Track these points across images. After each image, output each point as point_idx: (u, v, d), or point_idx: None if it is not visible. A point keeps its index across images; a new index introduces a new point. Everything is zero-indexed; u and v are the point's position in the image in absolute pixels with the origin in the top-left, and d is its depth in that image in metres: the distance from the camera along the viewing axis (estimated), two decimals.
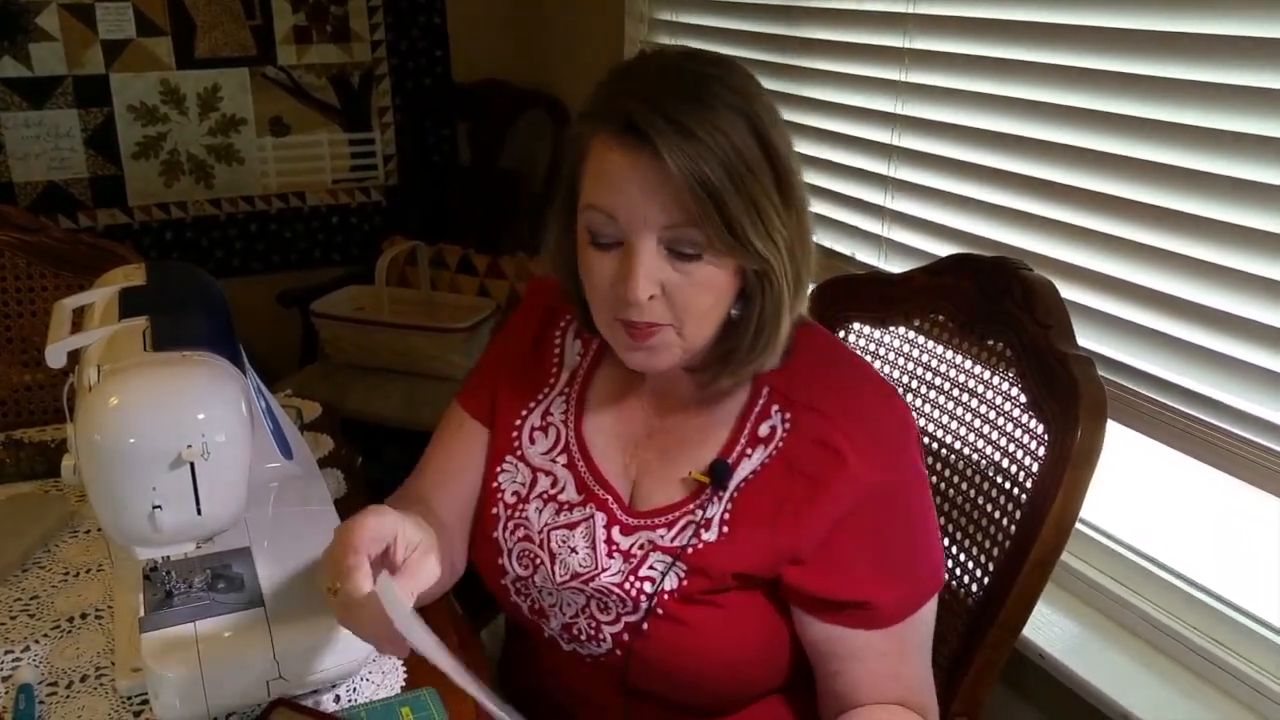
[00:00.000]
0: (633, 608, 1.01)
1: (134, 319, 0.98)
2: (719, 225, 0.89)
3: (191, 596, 1.00)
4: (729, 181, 0.88)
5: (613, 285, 0.94)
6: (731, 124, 0.89)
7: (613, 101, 0.92)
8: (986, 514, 1.15)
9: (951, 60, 1.48)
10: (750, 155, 0.89)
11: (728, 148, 0.88)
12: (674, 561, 1.00)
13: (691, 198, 0.88)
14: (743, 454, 1.01)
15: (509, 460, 1.12)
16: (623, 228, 0.92)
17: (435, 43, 3.08)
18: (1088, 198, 1.26)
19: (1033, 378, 1.11)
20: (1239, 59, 1.08)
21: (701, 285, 0.93)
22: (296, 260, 3.10)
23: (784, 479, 0.98)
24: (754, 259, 0.92)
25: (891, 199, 1.64)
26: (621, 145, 0.90)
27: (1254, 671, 1.18)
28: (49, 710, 0.99)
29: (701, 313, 0.94)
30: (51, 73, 2.71)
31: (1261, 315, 1.08)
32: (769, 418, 1.01)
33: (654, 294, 0.92)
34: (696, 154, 0.87)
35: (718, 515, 1.00)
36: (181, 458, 0.86)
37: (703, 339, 0.97)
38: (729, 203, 0.88)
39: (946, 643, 1.16)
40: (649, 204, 0.90)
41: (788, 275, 0.94)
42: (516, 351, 1.17)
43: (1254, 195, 1.08)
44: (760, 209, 0.90)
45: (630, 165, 0.89)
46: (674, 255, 0.92)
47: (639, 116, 0.88)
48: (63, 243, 1.77)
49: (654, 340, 0.95)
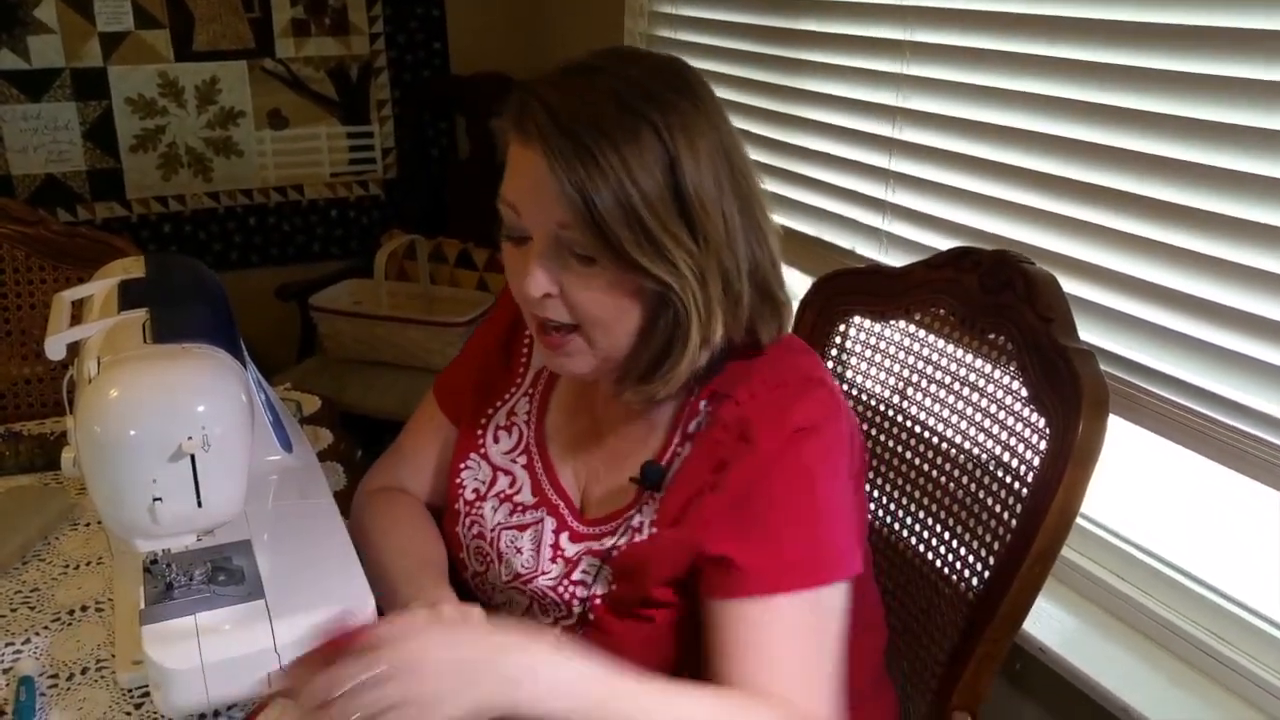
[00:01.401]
0: (567, 612, 1.01)
1: (133, 311, 0.98)
2: (602, 248, 0.87)
3: (192, 589, 1.00)
4: (618, 210, 0.86)
5: (517, 282, 0.94)
6: (637, 150, 0.86)
7: (520, 95, 0.91)
8: (987, 508, 1.15)
9: (952, 53, 1.47)
10: (650, 188, 0.87)
11: (623, 177, 0.86)
12: (601, 565, 0.99)
13: (578, 213, 0.86)
14: (674, 452, 1.00)
15: (473, 457, 1.13)
16: (524, 223, 0.92)
17: (434, 35, 3.08)
18: (1089, 191, 1.26)
19: (1034, 371, 1.11)
20: (1243, 52, 1.08)
21: (598, 292, 0.91)
22: (295, 254, 3.10)
23: (700, 469, 0.97)
24: (650, 280, 0.89)
25: (892, 192, 1.64)
26: (521, 140, 0.90)
27: (1255, 666, 1.18)
28: (50, 702, 0.99)
29: (604, 321, 0.92)
30: (49, 65, 2.70)
31: (1264, 309, 1.08)
32: (697, 414, 1.00)
33: (550, 292, 0.92)
34: (586, 175, 0.85)
35: (649, 517, 0.99)
36: (181, 450, 0.86)
37: (616, 348, 0.95)
38: (616, 230, 0.86)
39: (947, 636, 1.16)
40: (540, 201, 0.89)
41: (697, 302, 0.91)
42: (489, 349, 1.18)
43: (1258, 189, 1.07)
44: (655, 239, 0.87)
45: (527, 161, 0.89)
46: (570, 255, 0.90)
47: (534, 116, 0.88)
48: (61, 235, 1.76)
49: (568, 348, 0.95)
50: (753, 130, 1.97)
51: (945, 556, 1.20)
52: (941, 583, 1.20)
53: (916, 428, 1.27)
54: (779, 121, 1.90)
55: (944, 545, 1.21)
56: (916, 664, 1.21)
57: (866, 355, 1.35)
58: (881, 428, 1.32)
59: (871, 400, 1.34)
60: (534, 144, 0.88)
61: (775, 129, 1.92)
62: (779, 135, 1.91)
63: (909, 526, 1.27)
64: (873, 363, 1.34)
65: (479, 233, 2.96)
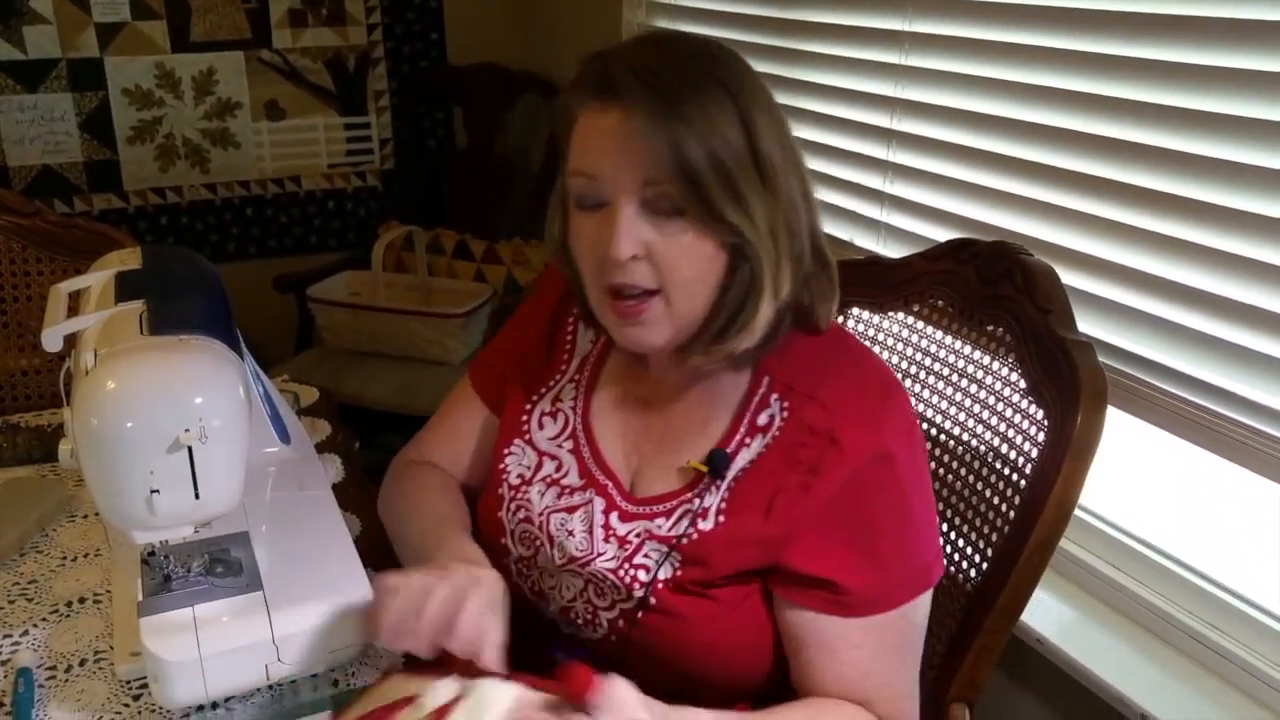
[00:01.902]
0: (626, 595, 1.01)
1: (130, 303, 0.98)
2: (694, 199, 0.90)
3: (190, 581, 1.00)
4: (706, 161, 0.89)
5: (597, 249, 0.94)
6: (718, 108, 0.90)
7: (594, 66, 0.94)
8: (985, 499, 1.15)
9: (951, 44, 1.47)
10: (732, 140, 0.91)
11: (708, 131, 0.89)
12: (669, 551, 1.00)
13: (668, 167, 0.89)
14: (741, 443, 1.01)
15: (517, 444, 1.13)
16: (604, 188, 0.93)
17: (431, 26, 3.07)
18: (1088, 182, 1.26)
19: (1032, 363, 1.11)
20: (1241, 43, 1.07)
21: (684, 250, 0.93)
22: (292, 245, 3.10)
23: (781, 467, 0.98)
24: (730, 233, 0.92)
25: (890, 183, 1.63)
26: (601, 106, 0.92)
27: (1251, 657, 1.19)
28: (48, 694, 0.99)
29: (687, 281, 0.94)
30: (45, 56, 2.69)
31: (1263, 301, 1.08)
32: (768, 407, 1.01)
33: (637, 254, 0.92)
34: (676, 128, 0.89)
35: (715, 504, 1.00)
36: (179, 441, 0.86)
37: (692, 313, 0.96)
38: (706, 181, 0.90)
39: (944, 627, 1.16)
40: (627, 161, 0.91)
41: (770, 255, 0.94)
42: (530, 336, 1.18)
43: (1258, 180, 1.07)
44: (738, 190, 0.91)
45: (610, 124, 0.91)
46: (656, 216, 0.92)
47: (618, 77, 0.91)
48: (58, 227, 1.76)
49: (645, 315, 0.95)
50: None
51: (944, 548, 1.20)
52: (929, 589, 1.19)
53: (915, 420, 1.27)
54: None
55: (942, 537, 1.21)
56: None
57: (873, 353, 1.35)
58: None
59: None
60: (618, 106, 0.91)
61: None
62: None
63: None
64: None
65: (476, 224, 2.96)
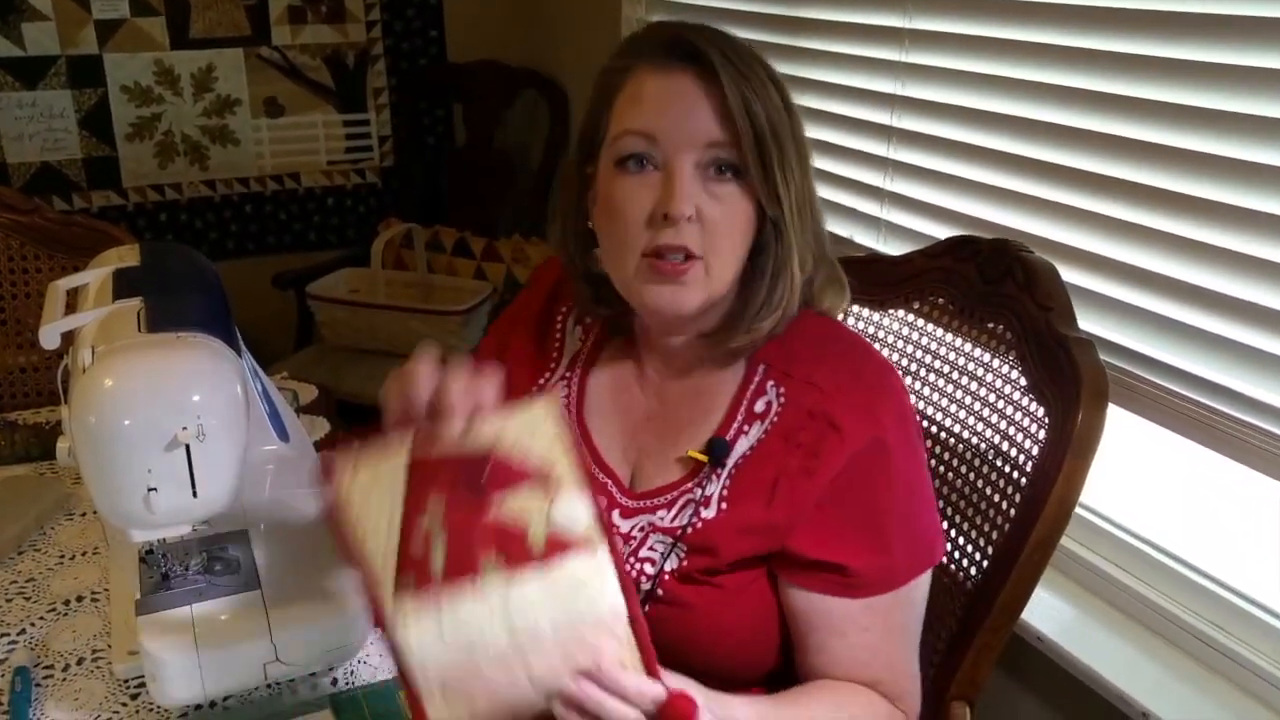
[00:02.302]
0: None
1: (128, 300, 0.97)
2: (755, 160, 0.93)
3: (188, 579, 1.00)
4: (767, 122, 0.93)
5: (646, 212, 0.95)
6: (769, 84, 0.95)
7: (656, 34, 0.98)
8: (986, 497, 1.15)
9: (952, 41, 1.47)
10: (782, 109, 0.95)
11: (769, 94, 0.94)
12: (675, 543, 1.00)
13: (735, 121, 0.92)
14: (740, 430, 1.01)
15: None
16: (662, 148, 0.94)
17: (430, 22, 3.07)
18: (1090, 180, 1.26)
19: (1033, 361, 1.10)
20: (1243, 39, 1.07)
21: (730, 215, 0.95)
22: (291, 242, 3.09)
23: (781, 452, 0.98)
24: (773, 201, 0.95)
25: (890, 181, 1.63)
26: (666, 68, 0.94)
27: (1253, 655, 1.18)
28: (45, 693, 0.98)
29: (727, 250, 0.96)
30: (45, 52, 2.69)
31: (1265, 298, 1.08)
32: (764, 393, 1.01)
33: (691, 214, 0.94)
34: (749, 86, 0.93)
35: (716, 492, 1.00)
36: (177, 439, 0.85)
37: (725, 282, 0.97)
38: (765, 138, 0.93)
39: (945, 625, 1.16)
40: (694, 120, 0.93)
41: (796, 230, 0.97)
42: (520, 333, 1.18)
43: (1260, 177, 1.07)
44: (785, 158, 0.95)
45: (675, 85, 0.94)
46: (709, 178, 0.94)
47: (693, 38, 0.94)
48: (56, 224, 1.76)
49: (686, 276, 0.95)
50: None
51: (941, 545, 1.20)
52: (940, 572, 1.19)
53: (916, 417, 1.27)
54: None
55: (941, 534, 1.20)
56: None
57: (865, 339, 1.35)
58: None
59: None
60: (687, 68, 0.94)
61: None
62: None
63: None
64: None
65: (476, 221, 2.95)
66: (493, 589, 0.78)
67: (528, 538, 0.79)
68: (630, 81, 0.96)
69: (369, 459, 0.80)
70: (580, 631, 0.78)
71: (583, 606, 0.79)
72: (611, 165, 0.97)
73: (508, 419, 0.82)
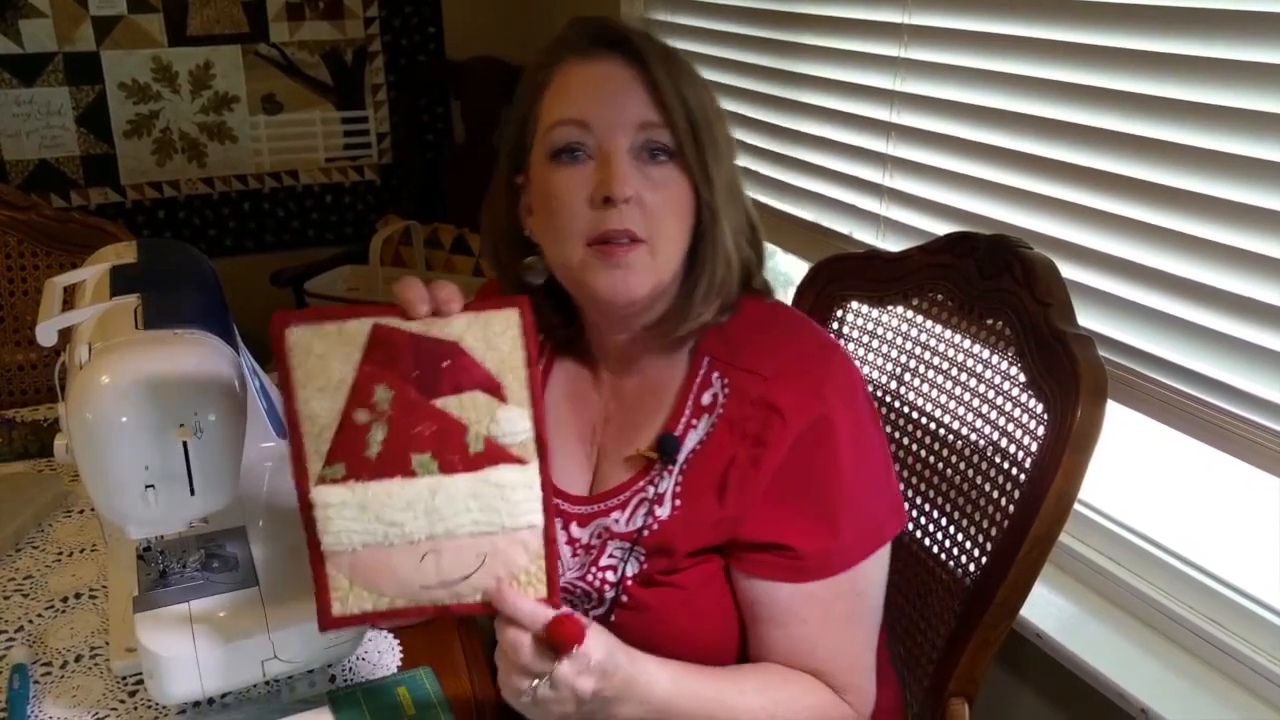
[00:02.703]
0: (598, 601, 1.01)
1: (125, 297, 0.97)
2: (689, 140, 0.94)
3: (186, 576, 1.00)
4: (700, 108, 0.95)
5: (586, 199, 0.94)
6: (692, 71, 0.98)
7: (581, 27, 0.99)
8: (985, 494, 1.15)
9: (951, 36, 1.46)
10: (708, 98, 0.98)
11: (697, 82, 0.97)
12: (632, 547, 1.00)
13: (667, 104, 0.94)
14: (689, 425, 1.01)
15: None
16: (596, 133, 0.94)
17: (429, 19, 3.06)
18: (1088, 175, 1.26)
19: (1032, 357, 1.10)
20: (1239, 35, 1.07)
21: (670, 196, 0.95)
22: (290, 240, 3.09)
23: (729, 443, 0.98)
24: (706, 184, 0.96)
25: (889, 177, 1.63)
26: (593, 56, 0.96)
27: (1251, 651, 1.18)
28: (43, 690, 0.98)
29: (670, 230, 0.96)
30: (42, 49, 2.68)
31: (1263, 294, 1.08)
32: (710, 386, 1.01)
33: (630, 195, 0.93)
34: (677, 72, 0.95)
35: (670, 489, 1.00)
36: (174, 437, 0.85)
37: (670, 266, 0.97)
38: (698, 120, 0.95)
39: (943, 621, 1.16)
40: (626, 102, 0.94)
41: (728, 214, 0.98)
42: None
43: (1258, 173, 1.07)
44: (715, 141, 0.97)
45: (603, 70, 0.95)
46: (645, 162, 0.95)
47: (615, 29, 0.96)
48: (54, 221, 1.76)
49: (630, 257, 0.95)
50: (750, 115, 1.96)
51: (942, 542, 1.20)
52: (939, 568, 1.19)
53: (914, 413, 1.27)
54: (777, 106, 1.89)
55: (941, 531, 1.20)
56: (913, 650, 1.21)
57: (864, 341, 1.35)
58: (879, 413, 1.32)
59: (869, 386, 1.34)
60: (614, 55, 0.95)
61: (773, 113, 1.91)
62: (777, 120, 1.90)
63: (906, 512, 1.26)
64: (870, 348, 1.34)
65: (475, 218, 2.94)
66: (422, 480, 0.81)
67: (466, 438, 0.82)
68: (557, 76, 0.97)
69: (330, 320, 0.82)
70: (495, 539, 0.83)
71: (504, 515, 0.83)
72: (545, 160, 0.96)
73: (471, 321, 0.83)
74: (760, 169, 1.96)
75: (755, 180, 1.96)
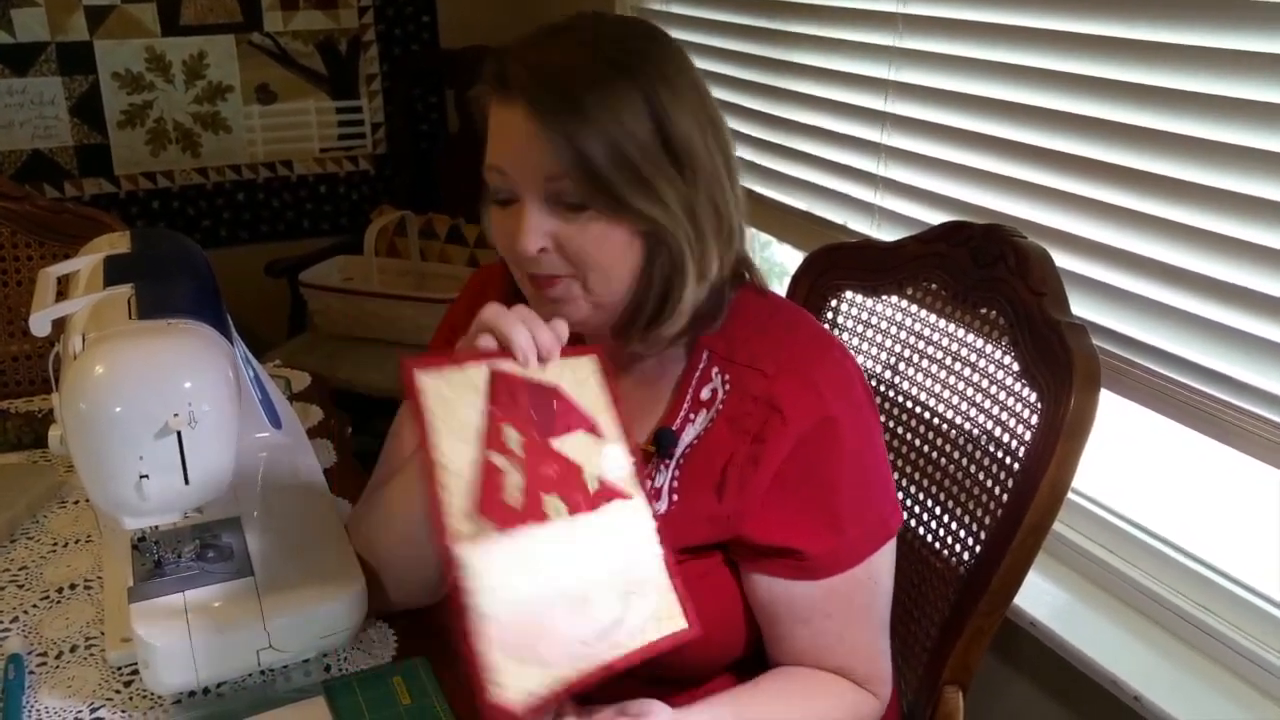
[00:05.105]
0: None
1: (119, 287, 0.97)
2: (596, 192, 0.89)
3: (180, 566, 1.00)
4: (607, 154, 0.88)
5: (509, 242, 0.94)
6: (620, 99, 0.88)
7: (493, 61, 0.93)
8: (979, 483, 1.15)
9: (945, 26, 1.46)
10: (636, 130, 0.89)
11: (609, 122, 0.88)
12: None
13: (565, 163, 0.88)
14: (687, 419, 1.01)
15: None
16: (511, 182, 0.92)
17: (422, 8, 3.05)
18: (1083, 165, 1.26)
19: (1026, 346, 1.10)
20: (1236, 24, 1.07)
21: (593, 239, 0.91)
22: (284, 230, 3.08)
23: (728, 439, 0.98)
24: (642, 220, 0.91)
25: (884, 167, 1.63)
26: (506, 99, 0.91)
27: (1243, 639, 1.19)
28: (39, 680, 0.98)
29: (602, 265, 0.93)
30: (34, 39, 2.67)
31: (1257, 283, 1.08)
32: (710, 380, 1.00)
33: (544, 246, 0.92)
34: (571, 123, 0.87)
35: (666, 483, 1.00)
36: (168, 426, 0.85)
37: (612, 294, 0.95)
38: (607, 174, 0.88)
39: (937, 610, 1.16)
40: (527, 156, 0.90)
41: (689, 238, 0.93)
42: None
43: (1253, 163, 1.07)
44: (644, 179, 0.89)
45: (512, 119, 0.90)
46: (561, 208, 0.91)
47: (513, 73, 0.90)
48: (48, 211, 1.75)
49: (557, 290, 0.94)
50: (744, 104, 1.96)
51: (936, 531, 1.20)
52: (933, 557, 1.20)
53: (908, 403, 1.27)
54: (770, 96, 1.89)
55: (935, 520, 1.21)
56: (908, 638, 1.22)
57: (858, 330, 1.35)
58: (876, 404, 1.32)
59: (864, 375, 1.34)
60: (516, 101, 0.89)
61: (767, 103, 1.91)
62: (771, 110, 1.90)
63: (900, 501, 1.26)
64: (864, 338, 1.34)
65: (470, 208, 2.94)
66: (560, 528, 0.80)
67: (584, 477, 0.83)
68: (490, 112, 0.93)
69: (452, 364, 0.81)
70: (628, 576, 0.82)
71: (628, 550, 0.83)
72: (490, 197, 0.96)
73: (562, 366, 0.85)
74: (755, 158, 1.96)
75: (750, 170, 1.96)
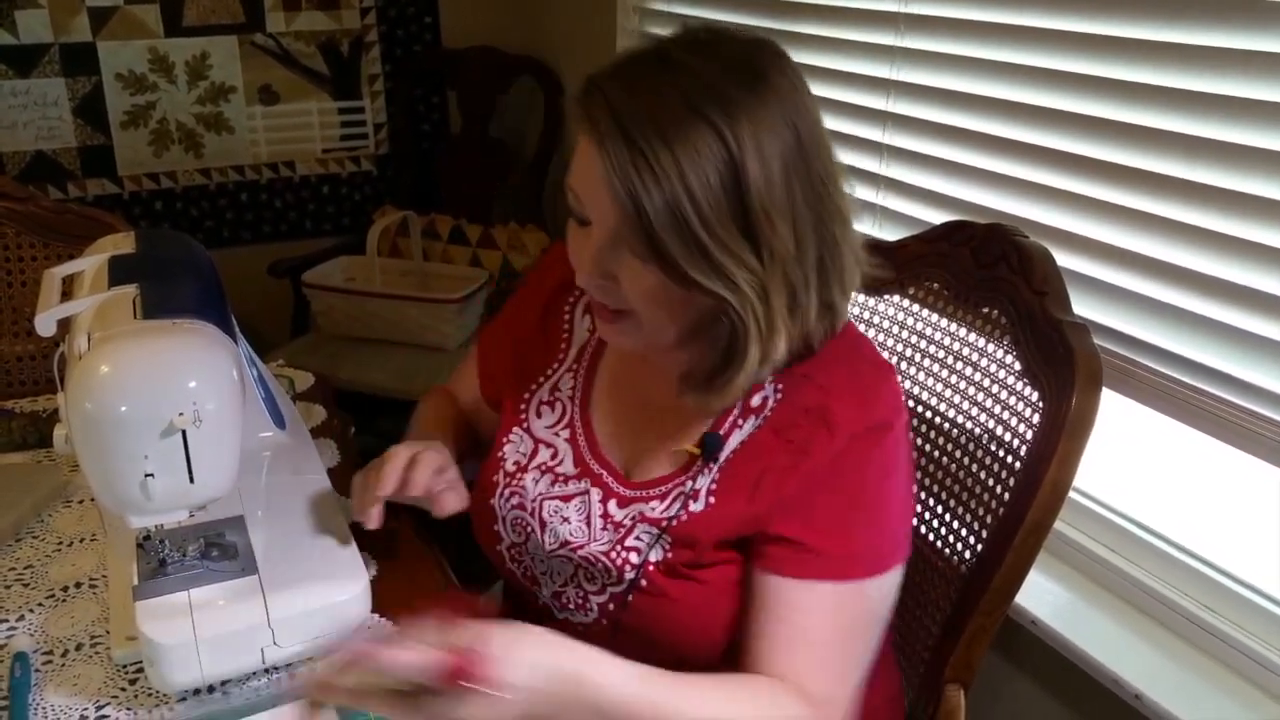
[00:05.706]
0: (617, 578, 1.01)
1: (124, 287, 0.97)
2: (653, 256, 0.85)
3: (185, 565, 1.00)
4: (671, 221, 0.83)
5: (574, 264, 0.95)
6: (698, 156, 0.82)
7: (587, 87, 0.89)
8: (981, 481, 1.15)
9: (947, 25, 1.47)
10: (707, 197, 0.83)
11: (678, 186, 0.82)
12: (660, 534, 1.00)
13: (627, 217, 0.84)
14: (734, 425, 1.01)
15: (515, 431, 1.14)
16: (584, 209, 0.92)
17: (425, 9, 3.05)
18: (1085, 164, 1.26)
19: (1028, 345, 1.11)
20: (1238, 23, 1.07)
21: (648, 292, 0.90)
22: (287, 230, 3.09)
23: (771, 447, 0.98)
24: (703, 293, 0.87)
25: (886, 166, 1.63)
26: (584, 130, 0.88)
27: (1244, 637, 1.19)
28: (44, 679, 0.99)
29: (654, 316, 0.93)
30: (38, 40, 2.67)
31: (1258, 283, 1.08)
32: (762, 388, 1.01)
33: (601, 283, 0.93)
34: (639, 181, 0.82)
35: (705, 486, 1.00)
36: (173, 425, 0.86)
37: (663, 339, 0.96)
38: (669, 242, 0.84)
39: (939, 609, 1.16)
40: (596, 195, 0.88)
41: (758, 319, 0.88)
42: (527, 323, 1.19)
43: (1254, 162, 1.07)
44: (709, 253, 0.84)
45: (589, 156, 0.87)
46: (624, 249, 0.89)
47: (595, 112, 0.85)
48: (51, 212, 1.75)
49: (616, 325, 0.96)
50: None
51: (938, 530, 1.20)
52: (934, 556, 1.20)
53: (910, 402, 1.27)
54: None
55: (936, 519, 1.21)
56: (909, 637, 1.22)
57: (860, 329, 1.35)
58: None
59: None
60: (594, 141, 0.86)
61: None
62: None
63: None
64: None
65: (472, 209, 2.95)
66: None
67: None
68: (578, 130, 0.90)
69: None
70: None
71: None
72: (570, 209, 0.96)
73: None
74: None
75: None
